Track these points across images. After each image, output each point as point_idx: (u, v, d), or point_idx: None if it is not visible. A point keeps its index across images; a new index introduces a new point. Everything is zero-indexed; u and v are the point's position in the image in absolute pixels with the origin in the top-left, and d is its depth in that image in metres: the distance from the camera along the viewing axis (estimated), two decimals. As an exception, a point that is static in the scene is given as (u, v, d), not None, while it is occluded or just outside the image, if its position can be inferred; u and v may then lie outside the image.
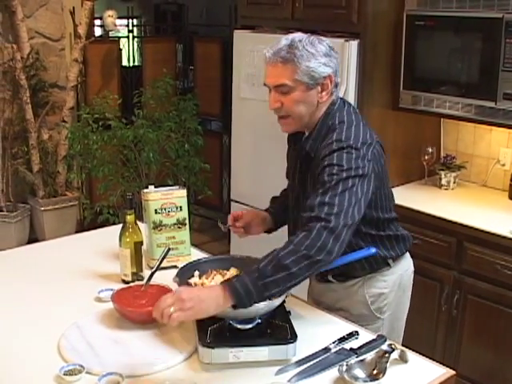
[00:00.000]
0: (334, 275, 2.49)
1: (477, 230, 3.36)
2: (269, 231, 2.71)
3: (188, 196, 2.89)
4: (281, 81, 2.22)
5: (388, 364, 2.03)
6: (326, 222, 2.01)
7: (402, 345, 2.31)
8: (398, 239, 2.50)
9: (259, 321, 2.15)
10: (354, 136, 2.19)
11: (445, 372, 2.08)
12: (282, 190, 2.77)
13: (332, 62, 2.24)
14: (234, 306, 1.97)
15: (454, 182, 4.01)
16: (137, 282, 2.59)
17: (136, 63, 6.63)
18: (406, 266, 2.58)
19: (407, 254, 2.59)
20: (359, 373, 2.01)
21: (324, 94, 2.26)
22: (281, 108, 2.27)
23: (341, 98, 2.37)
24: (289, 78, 2.20)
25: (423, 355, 2.19)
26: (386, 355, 2.07)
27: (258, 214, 2.68)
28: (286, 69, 2.20)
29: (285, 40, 2.23)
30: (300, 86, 2.21)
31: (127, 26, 6.42)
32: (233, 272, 2.37)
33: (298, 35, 2.24)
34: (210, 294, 1.96)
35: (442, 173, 4.00)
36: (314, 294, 2.65)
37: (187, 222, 2.84)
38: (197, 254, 2.85)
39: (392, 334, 2.51)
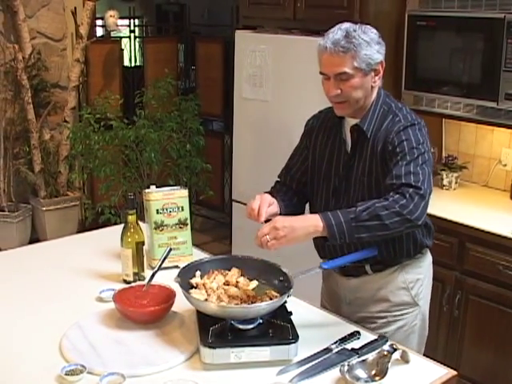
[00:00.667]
0: (371, 265, 2.51)
1: (478, 230, 3.36)
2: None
3: (189, 196, 2.89)
4: (342, 69, 2.32)
5: (389, 364, 2.03)
6: (417, 189, 2.20)
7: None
8: (431, 229, 2.58)
9: (261, 321, 2.15)
10: (415, 115, 2.41)
11: (446, 372, 2.08)
12: (271, 187, 2.78)
13: (382, 48, 2.37)
14: (325, 239, 2.18)
15: (456, 183, 4.01)
16: (138, 282, 2.59)
17: (138, 63, 6.64)
18: (431, 257, 2.66)
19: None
20: (361, 373, 2.01)
21: (377, 78, 2.39)
22: (340, 94, 2.37)
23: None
24: (349, 66, 2.31)
25: (425, 355, 2.19)
26: (388, 355, 2.07)
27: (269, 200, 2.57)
28: (346, 57, 2.30)
29: (339, 30, 2.33)
30: (358, 72, 2.32)
31: (129, 26, 6.43)
32: (234, 272, 2.37)
33: (349, 25, 2.35)
34: (303, 223, 2.20)
35: (444, 173, 4.00)
36: (346, 292, 2.61)
37: (189, 222, 2.84)
38: (198, 254, 2.85)
39: (424, 322, 2.60)
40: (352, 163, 2.46)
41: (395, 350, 2.10)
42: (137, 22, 6.80)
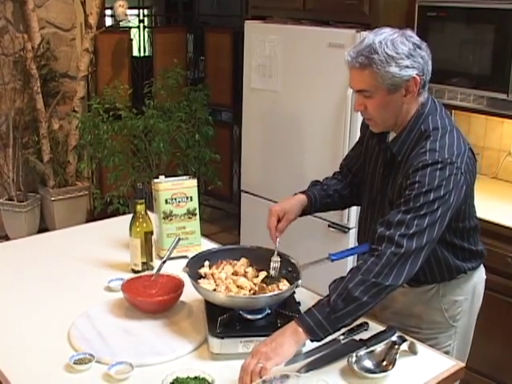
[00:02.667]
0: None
1: (487, 222, 3.34)
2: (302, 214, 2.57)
3: (198, 186, 2.89)
4: (361, 86, 2.13)
5: (397, 355, 2.03)
6: (397, 247, 2.00)
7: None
8: (477, 254, 2.41)
9: (269, 311, 2.15)
10: (449, 146, 2.09)
11: (454, 364, 2.08)
12: (328, 176, 2.68)
13: (417, 62, 2.08)
14: (311, 340, 2.00)
15: (465, 174, 3.99)
16: (147, 272, 2.59)
17: (147, 53, 6.63)
18: (481, 275, 2.49)
19: (481, 264, 2.49)
20: (368, 364, 2.02)
21: (409, 96, 2.13)
22: (364, 111, 2.19)
23: (432, 99, 2.25)
24: (367, 83, 2.10)
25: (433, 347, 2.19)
26: (396, 347, 2.07)
27: (295, 218, 2.49)
28: (364, 75, 2.09)
29: (367, 39, 2.09)
30: (380, 91, 2.10)
31: (138, 15, 6.42)
32: (243, 262, 2.37)
33: (381, 33, 2.10)
34: (285, 336, 1.96)
35: (453, 165, 3.98)
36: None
37: (197, 212, 2.84)
38: (207, 245, 2.86)
39: (463, 342, 2.48)
40: (387, 180, 2.30)
41: (403, 341, 2.10)
42: (146, 11, 6.78)
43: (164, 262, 2.48)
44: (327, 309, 1.98)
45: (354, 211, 3.78)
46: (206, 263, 2.36)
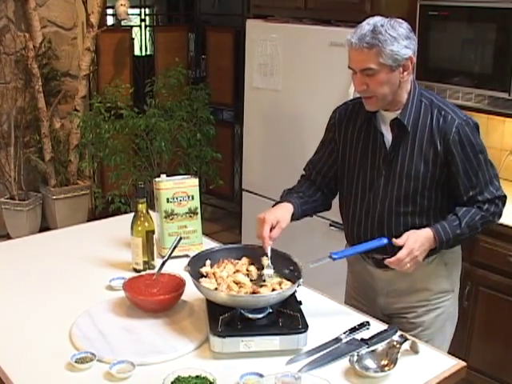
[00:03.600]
0: None
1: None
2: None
3: (199, 185, 2.89)
4: (366, 65, 2.29)
5: (399, 355, 2.03)
6: (503, 198, 2.46)
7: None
8: None
9: (270, 310, 2.15)
10: (461, 111, 2.43)
11: (455, 363, 2.08)
12: (297, 181, 2.77)
13: (412, 43, 2.31)
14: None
15: (467, 173, 3.98)
16: (148, 271, 2.60)
17: (148, 52, 6.63)
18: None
19: None
20: (370, 363, 2.02)
21: (405, 74, 2.34)
22: (366, 90, 2.35)
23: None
24: (374, 61, 2.27)
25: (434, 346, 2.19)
26: (397, 346, 2.07)
27: (284, 218, 2.51)
28: (371, 53, 2.27)
29: (367, 25, 2.29)
30: (384, 68, 2.29)
31: (139, 15, 6.42)
32: (244, 261, 2.37)
33: (378, 19, 2.32)
34: (426, 240, 2.32)
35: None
36: (382, 284, 2.60)
37: (199, 211, 2.84)
38: (208, 243, 2.86)
39: (456, 309, 2.66)
40: (392, 157, 2.44)
41: (405, 340, 2.10)
42: (147, 10, 6.78)
43: (165, 260, 2.48)
44: (457, 230, 2.35)
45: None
46: (208, 262, 2.36)
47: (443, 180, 2.41)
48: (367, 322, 2.24)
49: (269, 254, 2.34)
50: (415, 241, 2.28)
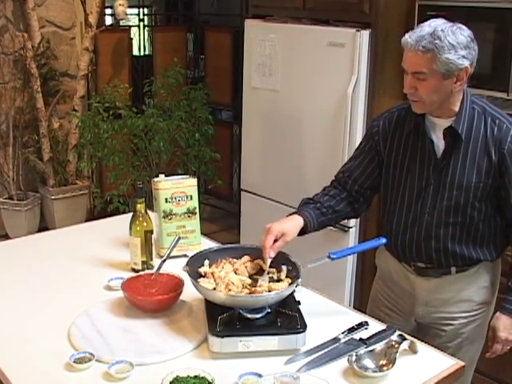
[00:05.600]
0: (456, 266, 2.50)
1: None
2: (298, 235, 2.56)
3: (198, 185, 2.89)
4: (419, 68, 2.23)
5: (397, 355, 2.03)
6: None
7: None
8: None
9: (269, 310, 2.15)
10: None
11: (454, 363, 2.08)
12: (323, 187, 2.70)
13: (470, 54, 2.23)
14: None
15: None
16: (147, 271, 2.59)
17: (147, 52, 6.63)
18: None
19: None
20: (368, 363, 2.02)
21: (458, 84, 2.27)
22: (414, 93, 2.30)
23: None
24: (427, 66, 2.21)
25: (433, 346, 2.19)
26: (396, 346, 2.07)
27: (291, 239, 2.46)
28: (425, 58, 2.20)
29: (428, 27, 2.22)
30: (436, 75, 2.22)
31: (138, 14, 6.42)
32: (245, 260, 2.37)
33: (440, 23, 2.23)
34: None
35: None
36: (423, 293, 2.55)
37: (197, 211, 2.84)
38: (207, 243, 2.86)
39: (488, 323, 2.59)
40: (443, 166, 2.37)
41: (403, 340, 2.10)
42: (146, 10, 6.77)
43: (164, 260, 2.48)
44: None
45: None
46: (206, 262, 2.36)
47: (493, 191, 2.35)
48: (366, 322, 2.24)
49: (268, 264, 2.32)
50: (503, 329, 2.42)
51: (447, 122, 2.35)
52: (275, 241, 2.34)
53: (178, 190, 2.79)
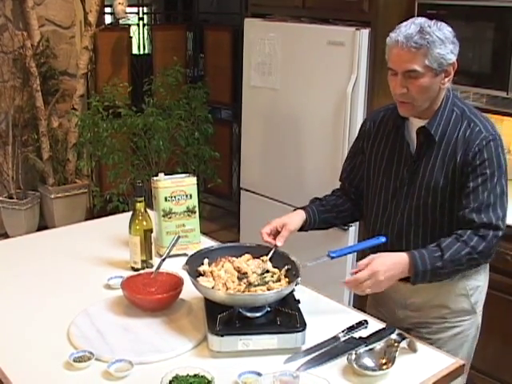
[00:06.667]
0: None
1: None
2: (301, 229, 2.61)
3: (198, 184, 2.89)
4: (411, 66, 2.19)
5: (397, 353, 2.03)
6: (497, 230, 2.24)
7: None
8: None
9: (268, 309, 2.15)
10: (493, 125, 2.32)
11: (454, 362, 2.08)
12: (332, 190, 2.73)
13: (456, 48, 2.23)
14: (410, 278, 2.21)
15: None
16: (146, 270, 2.60)
17: (146, 51, 6.63)
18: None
19: None
20: (368, 362, 2.02)
21: (446, 80, 2.26)
22: (406, 94, 2.25)
23: None
24: (420, 63, 2.18)
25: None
26: (395, 344, 2.07)
27: (295, 229, 2.53)
28: (417, 54, 2.17)
29: (413, 25, 2.20)
30: (429, 72, 2.20)
31: (137, 13, 6.41)
32: (245, 258, 2.36)
33: (423, 20, 2.22)
34: (398, 271, 2.17)
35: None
36: (401, 296, 2.51)
37: (197, 209, 2.84)
38: (206, 242, 2.86)
39: (477, 332, 2.53)
40: (416, 166, 2.36)
41: (403, 338, 2.10)
42: (145, 9, 6.77)
43: (163, 259, 2.48)
44: (438, 263, 2.17)
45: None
46: (206, 261, 2.36)
47: (459, 193, 2.30)
48: (365, 321, 2.24)
49: (269, 255, 2.34)
50: (381, 264, 2.14)
51: (423, 122, 2.34)
52: (278, 232, 2.41)
53: (177, 189, 2.79)
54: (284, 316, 2.14)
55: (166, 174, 2.85)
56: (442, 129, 2.30)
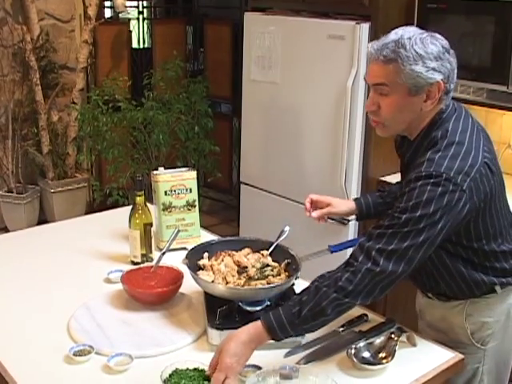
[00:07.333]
0: (433, 294, 2.26)
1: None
2: (356, 219, 2.56)
3: (197, 178, 2.89)
4: (378, 80, 1.97)
5: (397, 347, 2.04)
6: (373, 264, 1.84)
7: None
8: (508, 268, 2.16)
9: (268, 303, 2.16)
10: (451, 158, 1.89)
11: (453, 356, 2.08)
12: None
13: (444, 66, 1.94)
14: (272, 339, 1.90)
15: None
16: (146, 264, 2.60)
17: (146, 45, 6.62)
18: None
19: None
20: (368, 356, 2.02)
21: (429, 102, 1.97)
22: (377, 112, 2.02)
23: (454, 104, 2.08)
24: (389, 79, 1.94)
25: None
26: (395, 338, 2.07)
27: (336, 212, 2.48)
28: (387, 69, 1.93)
29: (394, 34, 1.97)
30: (400, 90, 1.94)
31: (137, 7, 6.40)
32: (245, 252, 2.36)
33: (409, 30, 1.98)
34: (248, 343, 1.84)
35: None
36: (417, 307, 2.42)
37: (197, 203, 2.83)
38: (206, 236, 2.86)
39: (497, 367, 2.26)
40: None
41: (403, 332, 2.10)
42: (145, 3, 6.75)
43: (163, 253, 2.48)
44: (296, 320, 1.85)
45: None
46: (206, 255, 2.36)
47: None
48: (365, 315, 2.24)
49: (270, 250, 2.33)
50: (230, 355, 1.81)
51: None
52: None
53: (177, 183, 2.79)
54: (284, 310, 2.14)
55: (165, 168, 2.85)
56: (419, 154, 2.01)
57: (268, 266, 2.31)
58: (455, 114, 2.04)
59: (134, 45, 6.54)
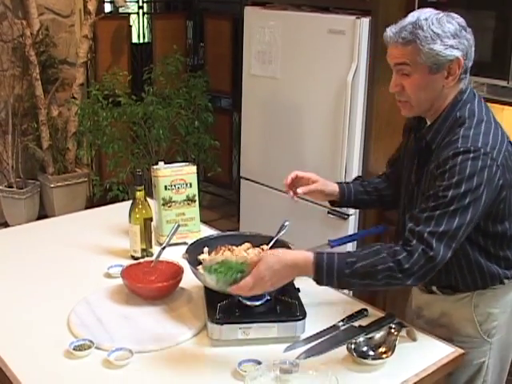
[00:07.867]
0: (438, 287, 2.25)
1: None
2: (332, 203, 2.53)
3: (198, 173, 2.89)
4: (401, 59, 2.03)
5: (397, 342, 2.04)
6: (427, 247, 1.89)
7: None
8: None
9: (268, 297, 2.15)
10: (484, 134, 1.97)
11: (453, 351, 2.08)
12: (376, 174, 2.61)
13: (462, 43, 2.01)
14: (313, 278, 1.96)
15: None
16: (146, 258, 2.60)
17: (146, 40, 6.61)
18: None
19: None
20: (368, 350, 2.02)
21: (450, 79, 2.03)
22: (401, 92, 2.09)
23: (471, 89, 2.15)
24: (410, 59, 2.01)
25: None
26: (395, 333, 2.07)
27: (322, 190, 2.43)
28: (406, 50, 2.01)
29: (410, 17, 2.03)
30: (422, 69, 2.01)
31: (137, 2, 6.39)
32: (244, 247, 2.36)
33: (425, 12, 2.03)
34: (285, 268, 1.93)
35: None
36: (414, 305, 2.41)
37: (197, 198, 2.84)
38: (206, 231, 2.86)
39: (500, 360, 2.28)
40: (421, 171, 2.15)
41: (403, 327, 2.10)
42: (145, -3, 6.76)
43: (163, 248, 2.48)
44: (346, 270, 1.91)
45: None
46: (206, 249, 2.37)
47: None
48: (365, 310, 2.25)
49: (270, 244, 2.33)
50: (268, 268, 1.91)
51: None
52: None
53: (177, 178, 2.79)
54: (284, 305, 2.14)
55: (165, 163, 2.85)
56: (440, 135, 2.08)
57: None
58: (476, 98, 2.13)
59: (134, 39, 6.52)
